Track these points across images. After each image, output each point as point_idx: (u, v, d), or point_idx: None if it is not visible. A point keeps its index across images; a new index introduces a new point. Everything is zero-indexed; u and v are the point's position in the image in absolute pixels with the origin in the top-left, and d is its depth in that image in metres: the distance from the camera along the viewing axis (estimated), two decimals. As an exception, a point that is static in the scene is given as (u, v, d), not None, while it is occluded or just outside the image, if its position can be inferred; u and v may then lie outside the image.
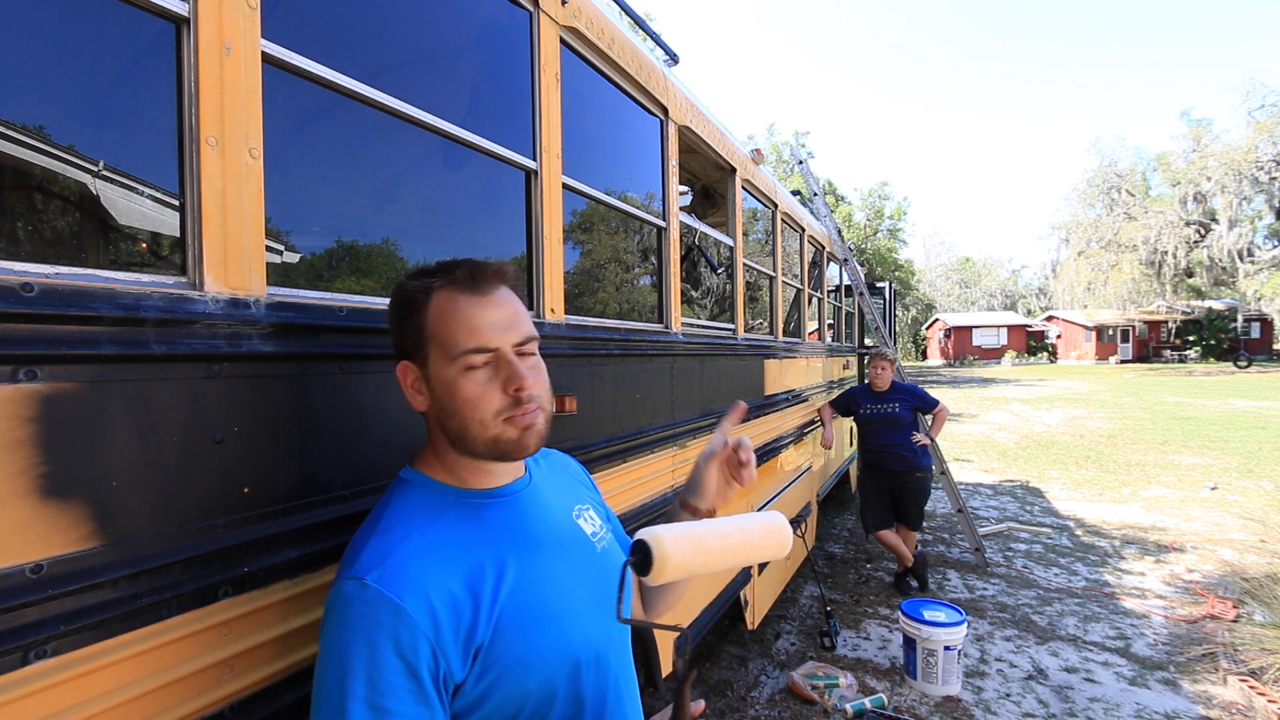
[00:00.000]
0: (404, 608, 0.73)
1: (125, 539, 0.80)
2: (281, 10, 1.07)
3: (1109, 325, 39.09)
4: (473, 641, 0.77)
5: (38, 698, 0.71)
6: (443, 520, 0.84)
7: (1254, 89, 27.96)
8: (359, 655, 0.71)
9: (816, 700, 3.20)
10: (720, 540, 0.84)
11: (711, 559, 0.83)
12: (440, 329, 0.83)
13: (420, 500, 0.86)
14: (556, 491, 1.00)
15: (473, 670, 0.77)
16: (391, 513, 0.84)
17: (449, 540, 0.82)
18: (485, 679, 0.77)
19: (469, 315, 0.82)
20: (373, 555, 0.78)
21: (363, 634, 0.72)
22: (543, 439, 0.88)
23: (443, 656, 0.74)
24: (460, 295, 0.84)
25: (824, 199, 6.23)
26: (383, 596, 0.73)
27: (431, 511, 0.85)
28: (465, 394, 0.82)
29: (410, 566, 0.77)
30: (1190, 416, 14.05)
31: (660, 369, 2.40)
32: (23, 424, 0.71)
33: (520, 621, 0.80)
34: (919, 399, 4.76)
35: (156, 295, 0.84)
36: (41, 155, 1.08)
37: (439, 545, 0.81)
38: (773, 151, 29.18)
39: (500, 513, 0.89)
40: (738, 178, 3.39)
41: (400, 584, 0.75)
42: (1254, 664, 3.35)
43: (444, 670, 0.74)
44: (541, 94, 1.72)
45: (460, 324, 0.82)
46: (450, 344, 0.82)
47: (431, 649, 0.73)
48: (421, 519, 0.83)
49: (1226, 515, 6.47)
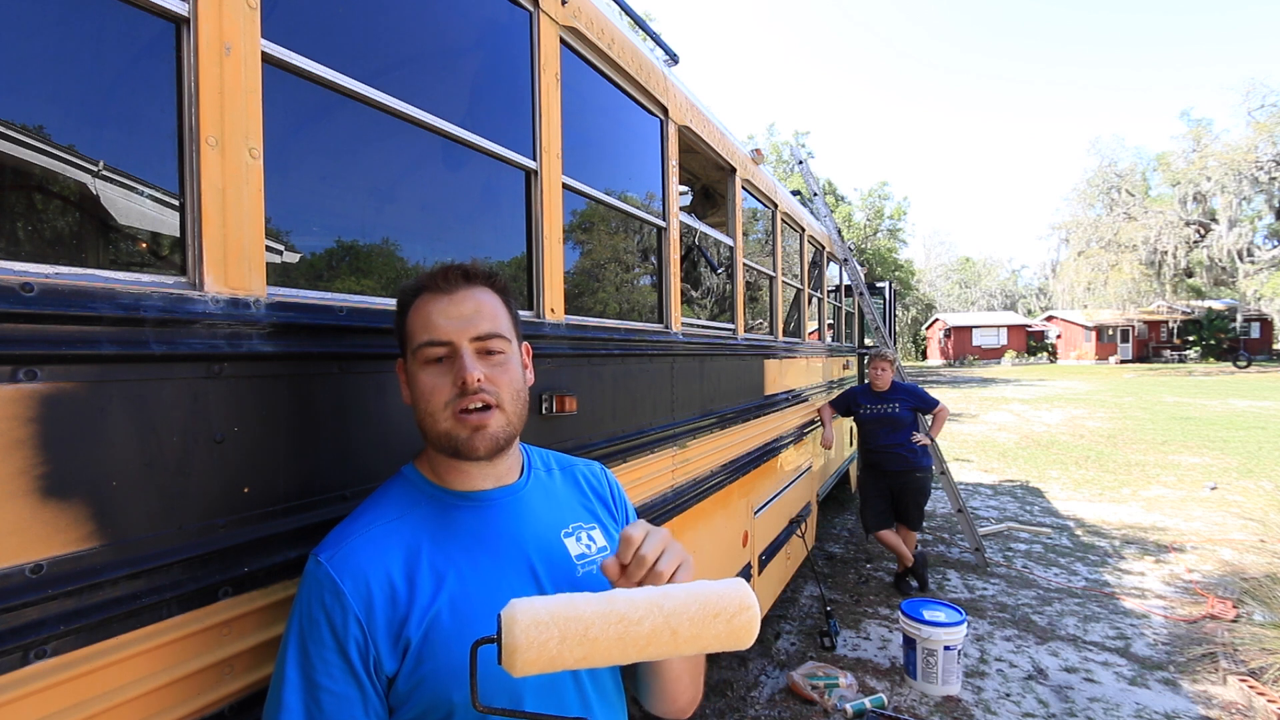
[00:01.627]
0: (342, 589, 0.78)
1: (125, 539, 0.80)
2: (281, 10, 1.07)
3: (1109, 325, 39.09)
4: (402, 635, 0.78)
5: (38, 698, 0.71)
6: (410, 514, 0.87)
7: (1254, 89, 27.95)
8: (300, 627, 0.78)
9: (816, 700, 3.20)
10: (618, 626, 0.61)
11: (596, 651, 0.61)
12: (410, 326, 0.89)
13: (400, 493, 0.90)
14: (551, 505, 0.96)
15: (403, 666, 0.78)
16: (371, 501, 0.90)
17: (407, 534, 0.85)
18: (412, 679, 0.77)
19: (429, 311, 0.87)
20: (335, 537, 0.84)
21: (307, 608, 0.79)
22: (498, 442, 0.87)
23: (373, 643, 0.77)
24: (427, 294, 0.88)
25: (824, 199, 6.23)
26: (329, 576, 0.79)
27: (404, 504, 0.88)
28: (421, 386, 0.86)
29: (360, 552, 0.81)
30: (1190, 416, 14.05)
31: (660, 369, 2.40)
32: (23, 424, 0.71)
33: (452, 629, 0.79)
34: (919, 399, 4.76)
35: (156, 295, 0.84)
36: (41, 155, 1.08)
37: (394, 536, 0.84)
38: (773, 151, 29.18)
39: (470, 517, 0.89)
40: (738, 178, 3.39)
41: (345, 567, 0.80)
42: (1254, 664, 3.35)
43: (373, 656, 0.77)
44: (541, 94, 1.72)
45: (421, 320, 0.87)
46: (412, 338, 0.88)
47: (363, 632, 0.77)
48: (392, 510, 0.87)
49: (1226, 515, 6.47)
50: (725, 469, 2.98)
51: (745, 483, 3.28)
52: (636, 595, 0.65)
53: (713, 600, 0.63)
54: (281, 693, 0.76)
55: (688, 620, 0.63)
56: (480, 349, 0.87)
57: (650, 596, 0.65)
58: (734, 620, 0.63)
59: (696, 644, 0.64)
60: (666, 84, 2.49)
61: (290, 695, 0.75)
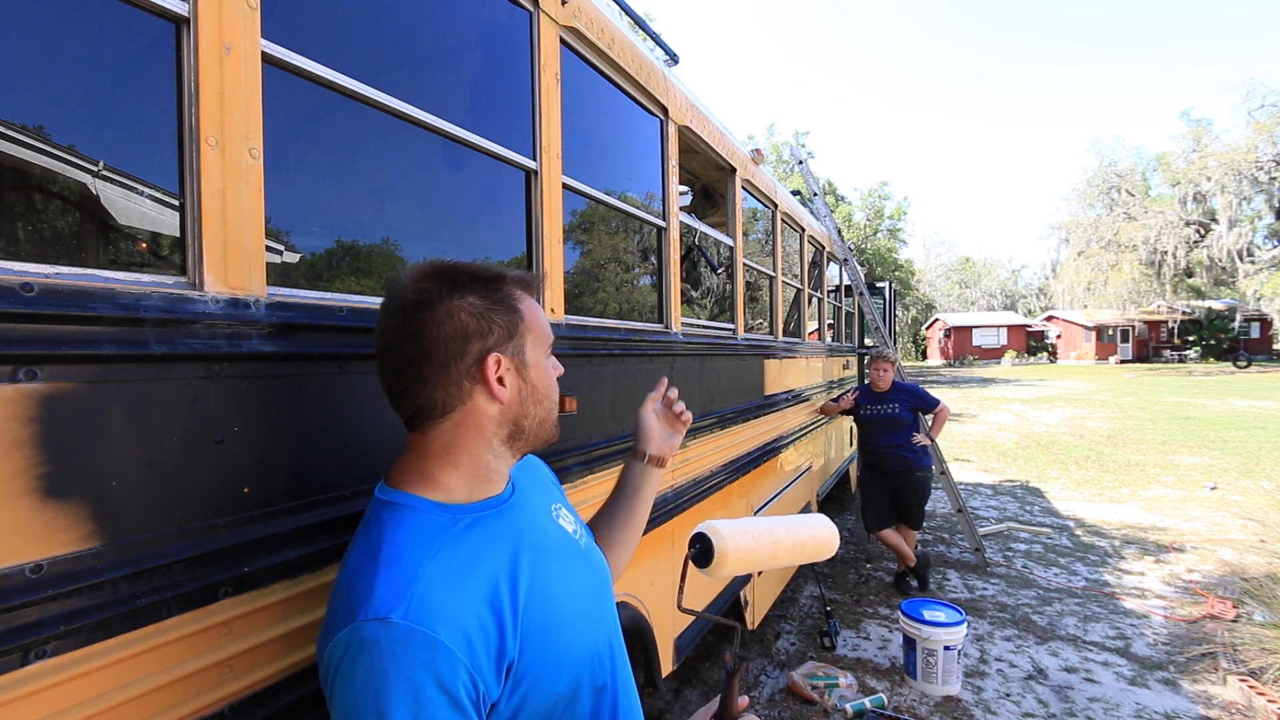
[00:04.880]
0: (439, 640, 0.70)
1: (125, 539, 0.80)
2: (281, 10, 1.07)
3: (1109, 325, 39.09)
4: (504, 659, 0.75)
5: (38, 698, 0.71)
6: (449, 541, 0.80)
7: (1254, 89, 27.95)
8: (400, 699, 0.67)
9: (816, 700, 3.20)
10: (773, 537, 0.90)
11: (766, 555, 0.88)
12: (531, 322, 0.91)
13: (418, 523, 0.82)
14: (536, 493, 1.00)
15: (506, 686, 0.76)
16: (394, 542, 0.79)
17: (461, 561, 0.79)
18: (519, 691, 0.77)
19: (541, 315, 0.94)
20: (390, 591, 0.73)
21: (400, 675, 0.68)
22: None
23: (481, 680, 0.72)
24: (530, 298, 0.93)
25: (824, 199, 6.23)
26: (415, 632, 0.70)
27: (435, 534, 0.81)
28: (551, 382, 0.94)
29: (435, 595, 0.73)
30: (1190, 416, 14.05)
31: (660, 369, 2.40)
32: (23, 424, 0.71)
33: (542, 629, 0.80)
34: (919, 399, 4.76)
35: (156, 295, 0.84)
36: (41, 155, 1.08)
37: (454, 568, 0.77)
38: (773, 151, 29.17)
39: (497, 524, 0.88)
40: (738, 178, 3.39)
41: (431, 616, 0.71)
42: (1254, 664, 3.35)
43: (483, 692, 0.73)
44: (541, 94, 1.72)
45: (539, 321, 0.93)
46: (544, 336, 0.93)
47: (470, 675, 0.71)
48: (430, 543, 0.79)
49: (1226, 515, 6.47)
50: (725, 469, 2.98)
51: (745, 483, 3.28)
52: (776, 520, 0.94)
53: (815, 524, 0.95)
54: None
55: (806, 534, 0.92)
56: None
57: (784, 520, 0.96)
58: (828, 535, 0.96)
59: (812, 552, 0.94)
60: (666, 84, 2.49)
61: None
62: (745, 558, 0.85)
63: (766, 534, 0.89)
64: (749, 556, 0.86)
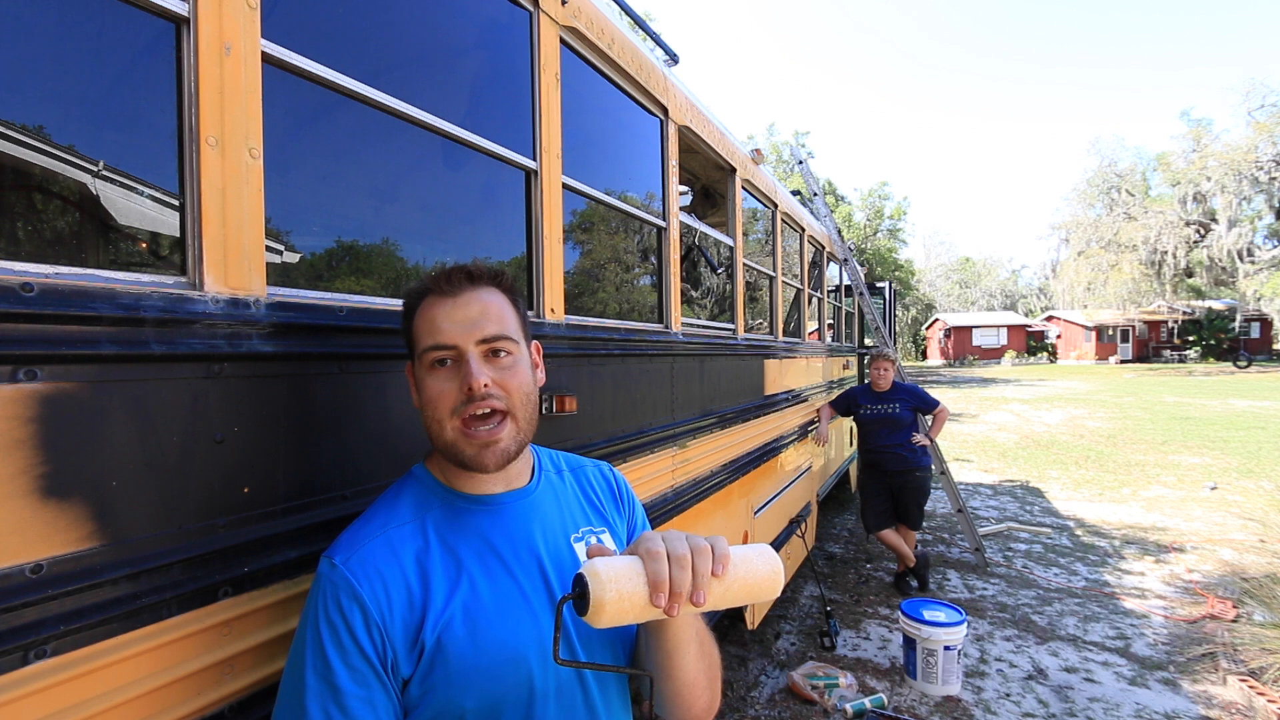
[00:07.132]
0: (360, 592, 0.78)
1: (125, 539, 0.80)
2: (281, 10, 1.07)
3: (1109, 325, 39.08)
4: (418, 639, 0.78)
5: (38, 698, 0.71)
6: (423, 517, 0.87)
7: (1254, 89, 27.94)
8: (317, 631, 0.77)
9: (816, 700, 3.20)
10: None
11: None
12: (415, 330, 0.88)
13: (412, 494, 0.89)
14: (560, 509, 0.96)
15: (417, 669, 0.78)
16: (383, 502, 0.89)
17: (421, 536, 0.84)
18: (425, 683, 0.78)
19: (434, 315, 0.86)
20: (349, 539, 0.84)
21: (324, 611, 0.78)
22: (509, 455, 0.85)
23: (390, 645, 0.77)
24: (432, 297, 0.87)
25: (824, 199, 6.23)
26: (345, 579, 0.78)
27: (417, 507, 0.88)
28: (427, 392, 0.85)
29: (376, 555, 0.81)
30: (1190, 416, 14.05)
31: (660, 369, 2.40)
32: (23, 424, 0.71)
33: (465, 635, 0.79)
34: (919, 399, 4.76)
35: (156, 295, 0.84)
36: (41, 155, 1.08)
37: (409, 539, 0.84)
38: (773, 151, 29.17)
39: (481, 521, 0.88)
40: (737, 178, 3.39)
41: (362, 570, 0.79)
42: (1254, 664, 3.35)
43: (391, 658, 0.77)
44: (541, 94, 1.72)
45: (426, 324, 0.86)
46: (418, 343, 0.87)
47: (381, 635, 0.77)
48: (405, 512, 0.87)
49: (1226, 515, 6.47)
50: (725, 469, 2.98)
51: (745, 483, 3.28)
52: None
53: (753, 558, 0.74)
54: (303, 699, 0.74)
55: (733, 579, 0.72)
56: (487, 351, 0.85)
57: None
58: (769, 575, 0.74)
59: (744, 594, 0.74)
60: (666, 84, 2.49)
61: (311, 701, 0.74)
62: (631, 608, 0.66)
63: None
64: (636, 605, 0.66)
